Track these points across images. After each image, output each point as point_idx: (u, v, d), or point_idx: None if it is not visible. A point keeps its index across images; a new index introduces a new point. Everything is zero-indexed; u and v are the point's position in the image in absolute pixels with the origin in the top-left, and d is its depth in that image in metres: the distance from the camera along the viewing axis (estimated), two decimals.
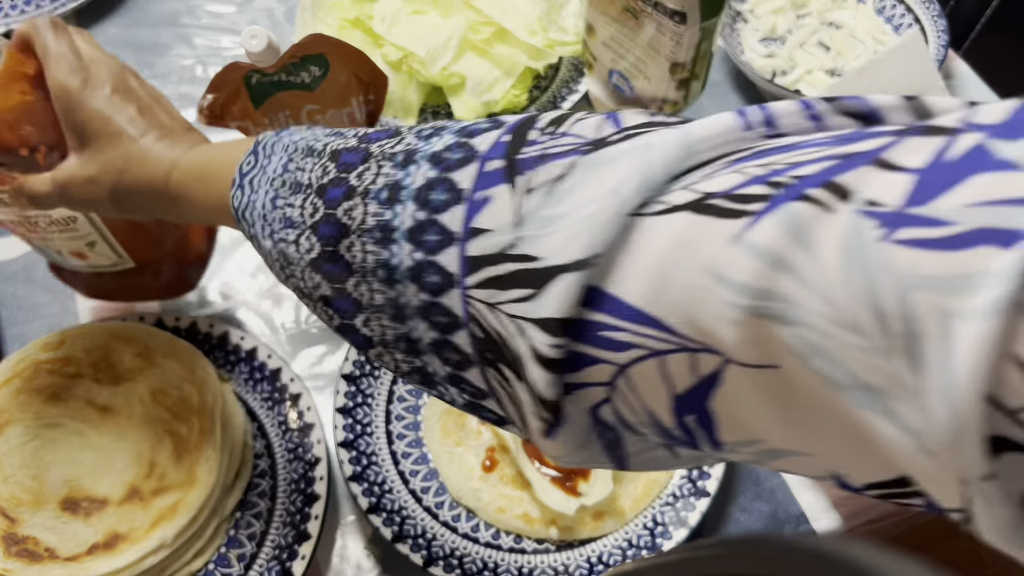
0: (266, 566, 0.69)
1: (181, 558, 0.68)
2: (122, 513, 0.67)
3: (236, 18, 1.08)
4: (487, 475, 0.74)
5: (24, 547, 0.66)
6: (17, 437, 0.70)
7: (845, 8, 1.10)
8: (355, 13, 0.96)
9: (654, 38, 0.77)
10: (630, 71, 0.83)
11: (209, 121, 0.69)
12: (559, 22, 0.98)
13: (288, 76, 0.67)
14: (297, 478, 0.73)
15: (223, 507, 0.71)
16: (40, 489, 0.68)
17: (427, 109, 0.98)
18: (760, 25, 1.08)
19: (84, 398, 0.72)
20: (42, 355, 0.74)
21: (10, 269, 0.87)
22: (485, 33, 0.95)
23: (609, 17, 0.81)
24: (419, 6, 0.96)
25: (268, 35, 0.65)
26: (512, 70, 0.95)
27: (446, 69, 0.93)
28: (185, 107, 1.00)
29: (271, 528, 0.71)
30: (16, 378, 0.73)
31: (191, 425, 0.71)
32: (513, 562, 0.71)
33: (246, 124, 0.70)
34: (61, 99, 0.54)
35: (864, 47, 1.06)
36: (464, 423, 0.76)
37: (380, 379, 0.79)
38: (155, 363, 0.74)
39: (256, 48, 0.65)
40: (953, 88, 1.05)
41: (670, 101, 0.82)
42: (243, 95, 0.68)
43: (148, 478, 0.69)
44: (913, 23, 1.07)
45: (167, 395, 0.73)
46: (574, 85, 1.00)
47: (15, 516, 0.67)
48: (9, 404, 0.72)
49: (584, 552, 0.72)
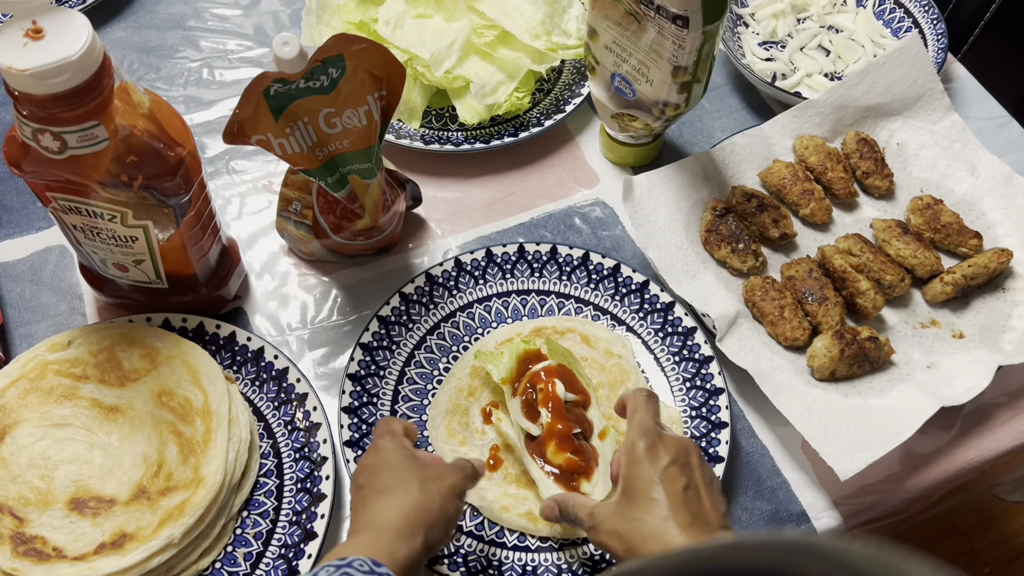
0: (272, 565, 0.70)
1: (188, 557, 0.69)
2: (129, 513, 0.68)
3: (242, 21, 1.09)
4: (491, 474, 0.75)
5: (32, 546, 0.67)
6: (25, 437, 0.71)
7: (845, 12, 1.11)
8: (359, 17, 0.96)
9: (656, 42, 0.78)
10: (632, 74, 0.84)
11: (230, 141, 0.69)
12: (562, 26, 0.99)
13: (308, 81, 0.68)
14: (303, 477, 0.74)
15: (230, 506, 0.71)
16: (48, 489, 0.69)
17: (431, 111, 0.99)
18: (761, 29, 1.09)
19: (91, 398, 0.73)
20: (49, 356, 0.75)
21: (17, 270, 0.88)
22: (489, 37, 0.95)
23: (611, 21, 0.81)
24: (423, 10, 0.97)
25: (299, 42, 0.65)
26: (515, 73, 0.96)
27: (450, 72, 0.94)
28: (191, 110, 1.01)
29: (277, 527, 0.72)
30: (24, 378, 0.74)
31: (198, 425, 0.72)
32: (517, 560, 0.72)
33: (266, 137, 0.71)
34: (625, 456, 0.64)
35: (864, 51, 1.07)
36: (468, 423, 0.77)
37: (385, 379, 0.80)
38: (162, 364, 0.75)
39: (288, 55, 0.65)
40: (952, 91, 1.06)
41: (672, 104, 0.83)
42: (263, 109, 0.69)
43: (155, 478, 0.70)
44: (912, 27, 1.08)
45: (174, 395, 0.74)
46: (577, 88, 1.00)
47: (23, 516, 0.68)
48: (17, 404, 0.72)
49: (588, 550, 0.72)
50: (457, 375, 0.80)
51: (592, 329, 0.82)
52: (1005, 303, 0.86)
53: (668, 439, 0.64)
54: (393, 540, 0.58)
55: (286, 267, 0.89)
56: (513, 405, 0.74)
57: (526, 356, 0.75)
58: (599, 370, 0.79)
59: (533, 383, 0.74)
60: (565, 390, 0.73)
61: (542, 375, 0.74)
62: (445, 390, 0.80)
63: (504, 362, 0.75)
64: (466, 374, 0.80)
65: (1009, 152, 1.01)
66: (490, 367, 0.75)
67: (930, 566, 0.27)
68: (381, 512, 0.61)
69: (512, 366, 0.75)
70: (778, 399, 0.76)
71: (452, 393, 0.79)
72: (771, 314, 0.82)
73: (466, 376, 0.79)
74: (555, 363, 0.75)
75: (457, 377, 0.80)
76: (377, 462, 0.65)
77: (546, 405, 0.72)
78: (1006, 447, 0.81)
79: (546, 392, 0.72)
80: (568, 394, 0.73)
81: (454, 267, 0.86)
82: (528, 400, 0.73)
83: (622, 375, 0.79)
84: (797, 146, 0.94)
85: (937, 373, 0.81)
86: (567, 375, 0.74)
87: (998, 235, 0.90)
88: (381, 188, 0.79)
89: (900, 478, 0.79)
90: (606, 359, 0.80)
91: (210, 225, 0.78)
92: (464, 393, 0.79)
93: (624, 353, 0.81)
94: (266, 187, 0.95)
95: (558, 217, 0.94)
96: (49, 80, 0.58)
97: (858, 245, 0.86)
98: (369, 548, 0.57)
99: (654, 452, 0.63)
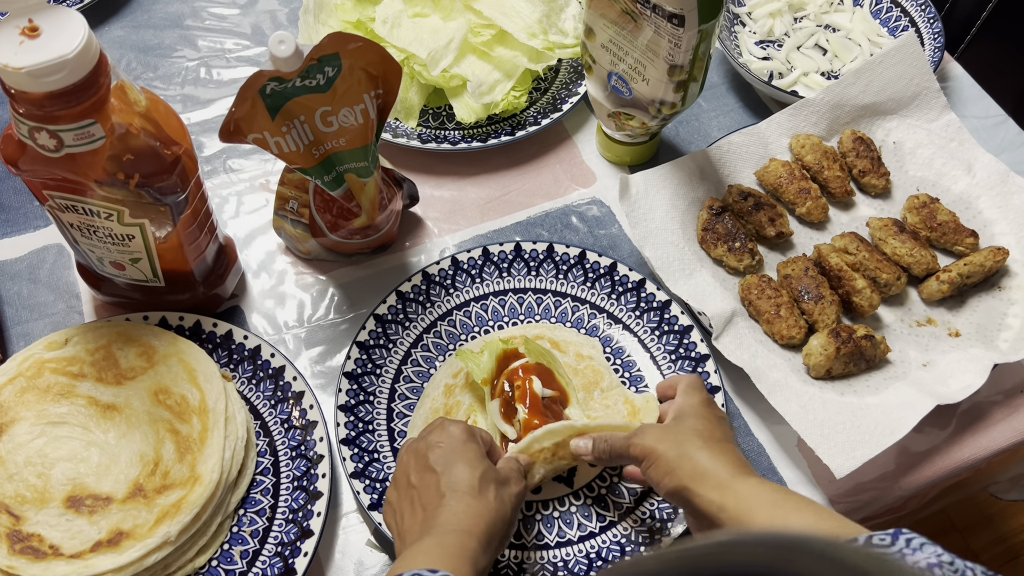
0: (269, 562, 0.70)
1: (185, 555, 0.69)
2: (126, 510, 0.68)
3: (239, 20, 1.09)
4: None
5: (28, 544, 0.67)
6: (22, 435, 0.71)
7: (842, 11, 1.11)
8: (357, 16, 0.96)
9: (652, 41, 0.78)
10: (629, 73, 0.84)
11: (226, 139, 0.69)
12: (559, 25, 0.99)
13: (304, 80, 0.68)
14: (300, 475, 0.74)
15: (226, 504, 0.71)
16: (44, 487, 0.69)
17: (428, 110, 0.99)
18: (757, 28, 1.09)
19: (88, 397, 0.73)
20: (46, 354, 0.75)
21: (14, 268, 0.88)
22: (486, 36, 0.96)
23: (608, 20, 0.81)
24: (420, 9, 0.97)
25: (295, 40, 0.65)
26: (512, 72, 0.96)
27: (447, 71, 0.94)
28: (189, 108, 1.01)
29: (274, 525, 0.72)
30: (21, 376, 0.74)
31: (194, 423, 0.72)
32: (513, 558, 0.72)
33: (263, 136, 0.71)
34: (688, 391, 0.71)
35: (860, 50, 1.07)
36: None
37: (382, 377, 0.80)
38: (159, 362, 0.75)
39: (284, 53, 0.65)
40: (948, 90, 1.06)
41: (668, 103, 0.83)
42: (259, 107, 0.68)
43: (152, 476, 0.70)
44: (909, 26, 1.08)
45: (170, 394, 0.74)
46: (573, 87, 1.00)
47: (20, 513, 0.68)
48: (14, 402, 0.72)
49: (583, 548, 0.72)
50: (431, 395, 0.79)
51: (561, 333, 0.82)
52: (1001, 301, 0.86)
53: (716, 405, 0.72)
54: (477, 549, 0.58)
55: (283, 265, 0.89)
56: (492, 407, 0.74)
57: (505, 356, 0.76)
58: (573, 373, 0.79)
59: (511, 380, 0.74)
60: (543, 386, 0.73)
61: (520, 372, 0.74)
62: (420, 412, 0.78)
63: (484, 362, 0.75)
64: (440, 393, 0.79)
65: (1005, 151, 1.01)
66: (471, 366, 0.75)
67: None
68: (467, 515, 0.60)
69: (492, 366, 0.75)
70: (774, 397, 0.77)
71: (428, 414, 0.78)
72: (767, 312, 0.83)
73: (440, 396, 0.79)
74: (533, 361, 0.75)
75: (431, 398, 0.79)
76: (449, 446, 0.64)
77: (523, 402, 0.72)
78: (1002, 445, 0.81)
79: (523, 389, 0.73)
80: (546, 390, 0.73)
81: (451, 266, 0.86)
82: (506, 400, 0.74)
83: (595, 376, 0.79)
84: (793, 145, 0.94)
85: (933, 371, 0.81)
86: (545, 373, 0.74)
87: (994, 233, 0.90)
88: (378, 187, 0.79)
89: (896, 476, 0.79)
90: (577, 362, 0.80)
91: (207, 223, 0.78)
92: (440, 414, 0.78)
93: (595, 354, 0.81)
94: (263, 186, 0.95)
95: (555, 216, 0.94)
96: (45, 78, 0.59)
97: (854, 244, 0.86)
98: (458, 554, 0.57)
99: (710, 402, 0.71)
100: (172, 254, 0.76)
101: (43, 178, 0.66)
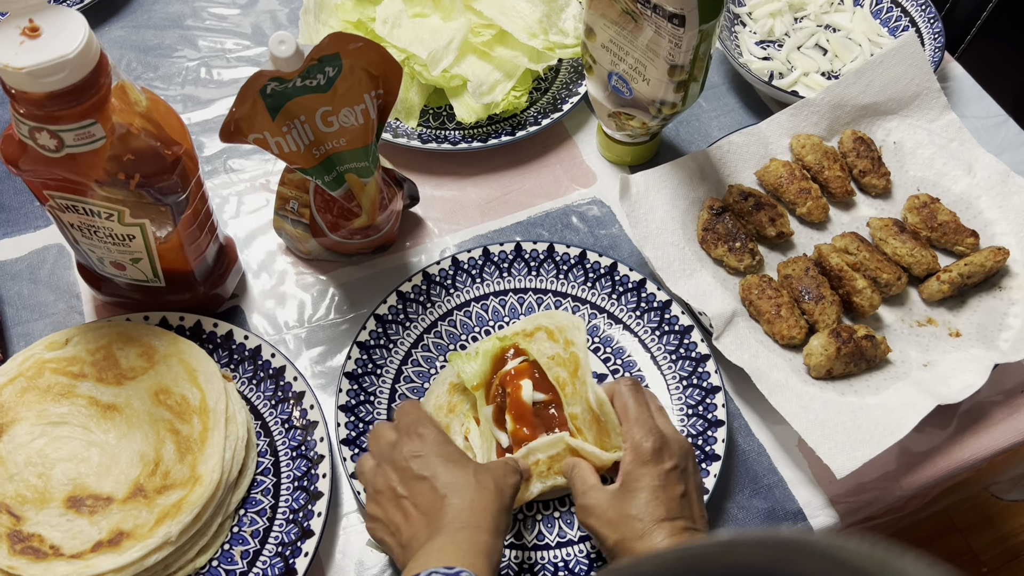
0: (269, 562, 0.70)
1: (185, 555, 0.69)
2: (127, 511, 0.68)
3: (239, 20, 1.09)
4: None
5: (29, 544, 0.67)
6: (22, 435, 0.71)
7: (842, 11, 1.11)
8: (357, 16, 0.96)
9: (653, 41, 0.78)
10: (629, 73, 0.84)
11: (227, 139, 0.69)
12: (559, 25, 0.99)
13: (304, 80, 0.68)
14: (300, 475, 0.74)
15: (227, 504, 0.71)
16: (45, 487, 0.69)
17: (429, 110, 0.99)
18: (758, 28, 1.09)
19: (89, 397, 0.73)
20: (47, 354, 0.75)
21: (15, 268, 0.88)
22: (486, 36, 0.96)
23: (608, 20, 0.81)
24: (420, 9, 0.97)
25: (296, 40, 0.65)
26: (513, 72, 0.96)
27: (447, 71, 0.94)
28: (189, 109, 1.01)
29: (274, 525, 0.72)
30: (21, 377, 0.74)
31: (195, 423, 0.72)
32: (513, 558, 0.72)
33: (263, 136, 0.70)
34: (631, 454, 0.65)
35: (861, 50, 1.07)
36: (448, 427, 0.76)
37: (383, 377, 0.80)
38: (159, 362, 0.75)
39: (284, 53, 0.65)
40: (948, 90, 1.06)
41: (668, 103, 0.83)
42: (259, 107, 0.68)
43: (152, 476, 0.70)
44: (909, 26, 1.08)
45: (171, 394, 0.74)
46: (574, 87, 1.00)
47: (20, 514, 0.68)
48: (14, 403, 0.72)
49: (583, 548, 0.72)
50: (436, 392, 0.79)
51: (556, 319, 0.79)
52: (1001, 301, 0.86)
53: (672, 441, 0.66)
54: (489, 543, 0.58)
55: (283, 266, 0.89)
56: (485, 413, 0.74)
57: (501, 353, 0.75)
58: (561, 365, 0.76)
59: (504, 385, 0.74)
60: (533, 389, 0.73)
61: (512, 374, 0.74)
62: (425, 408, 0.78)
63: (477, 366, 0.75)
64: (444, 391, 0.78)
65: (1006, 151, 1.01)
66: (463, 372, 0.74)
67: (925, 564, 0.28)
68: (473, 510, 0.60)
69: (486, 369, 0.75)
70: (774, 397, 0.77)
71: (432, 412, 0.77)
72: (768, 312, 0.83)
73: (444, 393, 0.78)
74: (526, 361, 0.74)
75: (436, 395, 0.78)
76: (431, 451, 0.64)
77: (512, 411, 0.72)
78: (1002, 445, 0.81)
79: (514, 396, 0.73)
80: (537, 394, 0.73)
81: (451, 266, 0.86)
82: (500, 405, 0.73)
83: (575, 363, 0.76)
84: (794, 145, 0.94)
85: (933, 371, 0.81)
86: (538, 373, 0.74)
87: (995, 233, 0.90)
88: (378, 187, 0.79)
89: (896, 476, 0.79)
90: (565, 350, 0.77)
91: (207, 223, 0.78)
92: (444, 411, 0.77)
93: (577, 339, 0.77)
94: (263, 186, 0.95)
95: (555, 216, 0.94)
96: (45, 78, 0.59)
97: (855, 244, 0.86)
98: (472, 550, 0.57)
99: (659, 456, 0.64)
100: (172, 254, 0.76)
101: (44, 178, 0.66)
